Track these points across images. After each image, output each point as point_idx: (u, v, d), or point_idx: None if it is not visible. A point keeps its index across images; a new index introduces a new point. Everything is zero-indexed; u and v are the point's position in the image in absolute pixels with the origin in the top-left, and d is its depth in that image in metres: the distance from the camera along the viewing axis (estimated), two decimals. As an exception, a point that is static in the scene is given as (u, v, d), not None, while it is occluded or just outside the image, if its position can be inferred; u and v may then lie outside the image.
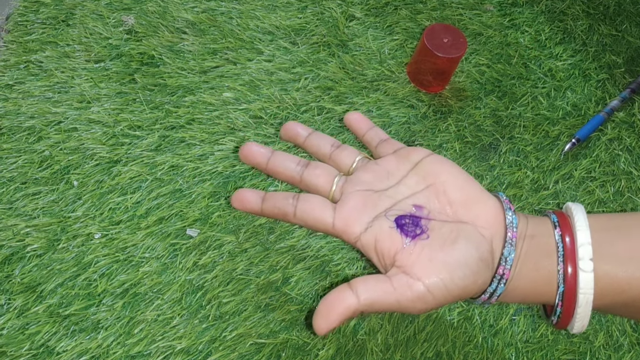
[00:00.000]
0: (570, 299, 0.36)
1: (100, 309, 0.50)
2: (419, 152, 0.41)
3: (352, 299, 0.34)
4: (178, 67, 0.64)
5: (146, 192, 0.56)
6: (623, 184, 0.59)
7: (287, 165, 0.41)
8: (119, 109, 0.61)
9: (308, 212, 0.39)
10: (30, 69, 0.63)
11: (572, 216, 0.37)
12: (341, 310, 0.34)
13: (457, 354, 0.50)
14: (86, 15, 0.67)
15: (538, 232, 0.38)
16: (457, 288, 0.34)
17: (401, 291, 0.34)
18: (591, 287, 0.35)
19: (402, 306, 0.34)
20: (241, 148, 0.42)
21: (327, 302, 0.34)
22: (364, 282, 0.35)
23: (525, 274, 0.37)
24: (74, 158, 0.57)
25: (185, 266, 0.52)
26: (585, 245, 0.36)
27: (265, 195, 0.40)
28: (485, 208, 0.38)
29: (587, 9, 0.72)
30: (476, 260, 0.35)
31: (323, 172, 0.40)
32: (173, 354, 0.49)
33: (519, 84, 0.66)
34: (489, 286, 0.36)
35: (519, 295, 0.37)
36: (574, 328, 0.37)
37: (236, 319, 0.50)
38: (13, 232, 0.53)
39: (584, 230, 0.36)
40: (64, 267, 0.52)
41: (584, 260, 0.35)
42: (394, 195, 0.39)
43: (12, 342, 0.48)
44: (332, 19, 0.68)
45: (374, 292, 0.34)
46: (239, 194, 0.40)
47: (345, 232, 0.38)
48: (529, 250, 0.37)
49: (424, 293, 0.34)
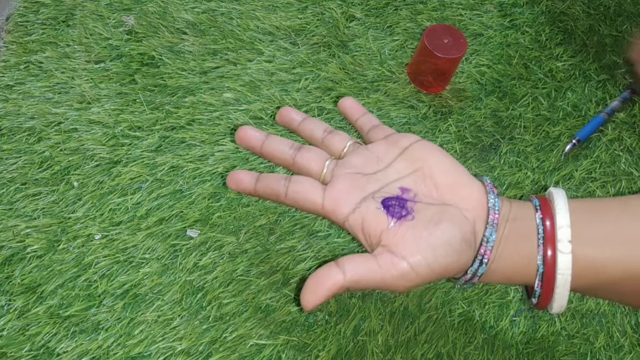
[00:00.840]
0: (550, 280, 0.37)
1: (100, 310, 0.50)
2: (408, 138, 0.42)
3: (339, 276, 0.35)
4: (178, 68, 0.64)
5: (146, 193, 0.56)
6: (624, 185, 0.59)
7: (281, 149, 0.42)
8: (119, 109, 0.61)
9: (299, 192, 0.40)
10: (30, 70, 0.63)
11: (553, 200, 0.38)
12: (328, 286, 0.35)
13: (458, 355, 0.50)
14: (86, 16, 0.67)
15: (520, 215, 0.39)
16: (439, 266, 0.36)
17: (386, 269, 0.36)
18: (569, 268, 0.36)
19: (387, 283, 0.36)
20: (237, 131, 0.43)
21: (315, 278, 0.36)
22: (351, 260, 0.36)
23: (507, 255, 0.38)
24: (74, 159, 0.57)
25: (186, 267, 0.52)
26: (564, 227, 0.37)
27: (259, 176, 0.41)
28: (470, 191, 0.39)
29: (587, 10, 0.72)
30: (459, 240, 0.36)
31: (315, 156, 0.41)
32: (173, 355, 0.49)
33: (520, 84, 0.65)
34: (471, 266, 0.38)
35: (501, 276, 0.39)
36: (552, 308, 0.38)
37: (237, 320, 0.50)
38: (13, 233, 0.53)
39: (563, 214, 0.37)
40: (64, 268, 0.52)
41: (563, 242, 0.36)
42: (382, 178, 0.40)
43: (13, 343, 0.48)
44: (332, 19, 0.68)
45: (360, 269, 0.36)
46: (234, 175, 0.41)
47: (334, 212, 0.39)
48: (511, 232, 0.38)
49: (408, 271, 0.35)
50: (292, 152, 0.42)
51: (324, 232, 0.55)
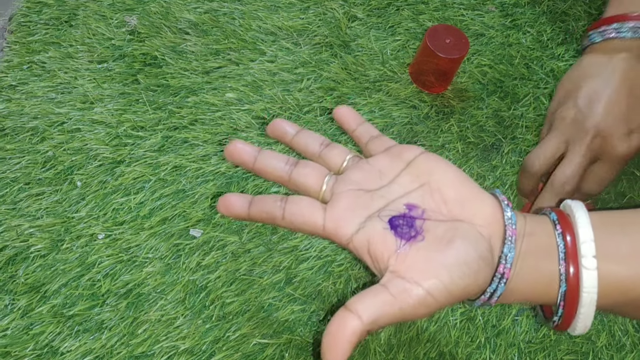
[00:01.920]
0: (573, 299, 0.34)
1: (104, 309, 0.50)
2: (411, 150, 0.39)
3: (356, 322, 0.32)
4: (181, 68, 0.64)
5: (149, 193, 0.56)
6: (625, 185, 0.59)
7: (275, 165, 0.39)
8: (122, 109, 0.61)
9: (297, 214, 0.37)
10: (33, 70, 0.63)
11: (572, 214, 0.36)
12: (348, 337, 0.31)
13: (460, 354, 0.50)
14: (89, 16, 0.67)
15: (537, 230, 0.36)
16: (457, 288, 0.33)
17: (401, 298, 0.32)
18: (595, 286, 0.34)
19: (406, 314, 0.32)
20: (226, 146, 0.40)
21: (331, 333, 0.32)
22: (362, 299, 0.33)
23: (526, 273, 0.35)
24: (78, 158, 0.57)
25: (189, 266, 0.53)
26: (587, 242, 0.34)
27: (253, 199, 0.38)
28: (482, 206, 0.36)
29: (588, 10, 0.72)
30: (475, 259, 0.34)
31: (313, 172, 0.39)
32: (177, 354, 0.49)
33: (521, 84, 0.66)
34: (489, 286, 0.35)
35: (519, 295, 0.36)
36: (576, 329, 0.36)
37: (240, 319, 0.51)
38: (17, 232, 0.53)
39: (585, 227, 0.35)
40: (68, 268, 0.52)
41: (587, 258, 0.34)
42: (386, 194, 0.37)
43: (17, 342, 0.49)
44: (334, 19, 0.68)
45: (375, 307, 0.32)
46: (224, 199, 0.38)
47: (336, 233, 0.36)
48: (529, 249, 0.36)
49: (425, 297, 0.32)
50: (287, 168, 0.39)
51: (327, 232, 0.55)
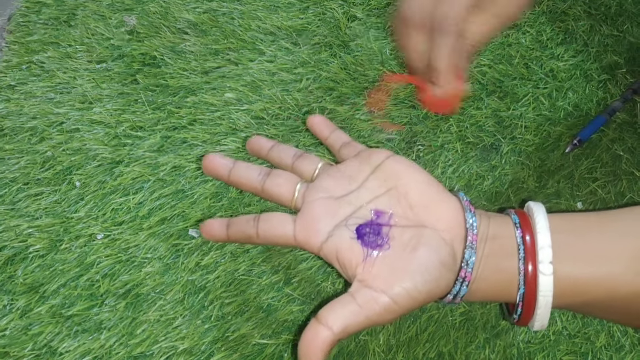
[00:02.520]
0: (531, 301, 0.37)
1: (102, 310, 0.50)
2: (379, 154, 0.41)
3: (326, 332, 0.34)
4: (180, 68, 0.64)
5: (148, 193, 0.56)
6: (624, 185, 0.59)
7: (249, 175, 0.41)
8: (121, 109, 0.61)
9: (268, 231, 0.39)
10: (32, 70, 0.63)
11: (532, 216, 0.38)
12: (320, 347, 0.34)
13: (459, 355, 0.50)
14: (88, 16, 0.67)
15: (499, 233, 0.38)
16: (420, 294, 0.35)
17: (368, 307, 0.35)
18: (550, 290, 0.36)
19: (372, 321, 0.35)
20: (203, 160, 0.42)
21: (303, 344, 0.35)
22: (331, 310, 0.35)
23: (487, 275, 0.37)
24: (76, 159, 0.57)
25: (188, 267, 0.53)
26: (545, 248, 0.36)
27: (229, 221, 0.41)
28: (446, 211, 0.38)
29: (588, 10, 0.72)
30: (437, 265, 0.36)
31: (284, 181, 0.40)
32: (176, 355, 0.49)
33: (521, 84, 0.66)
34: (453, 288, 0.37)
35: (482, 295, 0.38)
36: (534, 327, 0.38)
37: (238, 320, 0.50)
38: (15, 232, 0.53)
39: (544, 233, 0.36)
40: (67, 268, 0.52)
41: (544, 264, 0.36)
42: (354, 201, 0.39)
43: (15, 342, 0.49)
44: (333, 19, 0.68)
45: (343, 317, 0.35)
46: (205, 225, 0.42)
47: (307, 243, 0.38)
48: (491, 251, 0.37)
49: (389, 304, 0.35)
50: (260, 179, 0.41)
51: (326, 232, 0.55)
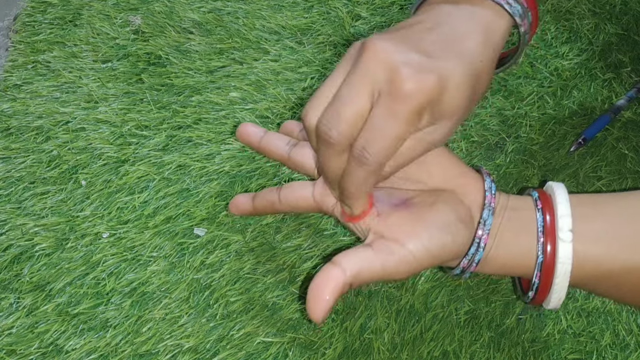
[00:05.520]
0: (549, 270, 0.36)
1: (108, 308, 0.51)
2: None
3: (339, 274, 0.34)
4: (185, 67, 0.64)
5: (154, 192, 0.56)
6: (630, 183, 0.59)
7: (277, 144, 0.43)
8: (127, 108, 0.61)
9: (290, 194, 0.41)
10: (38, 69, 0.64)
11: (552, 193, 0.38)
12: (332, 288, 0.34)
13: (464, 353, 0.50)
14: (93, 16, 0.68)
15: (519, 206, 0.38)
16: (436, 247, 0.35)
17: (383, 256, 0.34)
18: (569, 257, 0.35)
19: (387, 271, 0.34)
20: (238, 128, 0.44)
21: (315, 285, 0.34)
22: (346, 255, 0.35)
23: (505, 244, 0.37)
24: (82, 158, 0.58)
25: (193, 265, 0.53)
26: (565, 217, 0.36)
27: (254, 194, 0.43)
28: (465, 178, 0.38)
29: (593, 8, 0.72)
30: (454, 220, 0.36)
31: (309, 152, 0.41)
32: (181, 353, 0.49)
33: (525, 83, 0.66)
34: (469, 250, 0.37)
35: (498, 265, 0.38)
36: (550, 302, 0.37)
37: (243, 318, 0.51)
38: (22, 231, 0.54)
39: (564, 204, 0.37)
40: (73, 266, 0.52)
41: (563, 231, 0.36)
42: None
43: (22, 340, 0.49)
44: (338, 18, 0.68)
45: (358, 261, 0.34)
46: (234, 201, 0.44)
47: (323, 201, 0.39)
48: (510, 221, 0.37)
49: (406, 255, 0.34)
50: (287, 148, 0.42)
51: (330, 231, 0.55)
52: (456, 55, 0.34)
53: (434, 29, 0.35)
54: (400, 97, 0.32)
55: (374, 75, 0.32)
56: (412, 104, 0.32)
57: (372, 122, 0.33)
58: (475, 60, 0.35)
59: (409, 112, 0.32)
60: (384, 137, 0.33)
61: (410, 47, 0.33)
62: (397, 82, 0.32)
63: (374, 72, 0.32)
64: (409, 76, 0.31)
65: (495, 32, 0.38)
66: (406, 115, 0.32)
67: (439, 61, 0.33)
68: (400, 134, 0.33)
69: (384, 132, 0.32)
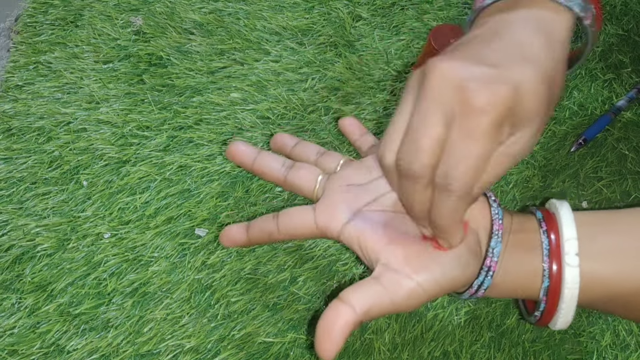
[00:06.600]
0: (555, 294, 0.36)
1: (110, 308, 0.51)
2: None
3: (349, 312, 0.33)
4: (186, 68, 0.64)
5: (155, 192, 0.56)
6: (630, 184, 0.59)
7: (272, 166, 0.41)
8: (128, 109, 0.61)
9: (289, 223, 0.38)
10: (39, 70, 0.64)
11: (557, 212, 0.37)
12: (341, 327, 0.32)
13: (464, 353, 0.50)
14: (94, 17, 0.68)
15: (523, 227, 0.37)
16: (446, 280, 0.34)
17: (393, 290, 0.33)
18: (577, 282, 0.35)
19: (396, 305, 0.33)
20: (228, 147, 0.42)
21: (324, 323, 0.33)
22: (354, 291, 0.33)
23: (511, 267, 0.36)
24: (84, 158, 0.58)
25: (194, 265, 0.53)
26: (571, 240, 0.35)
27: (247, 224, 0.40)
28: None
29: (593, 9, 0.72)
30: (465, 252, 0.35)
31: (307, 173, 0.40)
32: (182, 353, 0.49)
33: (526, 83, 0.66)
34: (477, 278, 0.36)
35: (505, 289, 0.37)
36: (557, 324, 0.37)
37: (244, 318, 0.51)
38: (23, 231, 0.54)
39: (569, 225, 0.36)
40: (74, 267, 0.52)
41: (570, 255, 0.35)
42: (375, 189, 0.38)
43: (23, 340, 0.49)
44: (338, 19, 0.68)
45: (367, 297, 0.33)
46: (225, 233, 0.40)
47: (327, 227, 0.37)
48: (515, 244, 0.37)
49: (415, 288, 0.33)
50: (283, 170, 0.41)
51: (331, 231, 0.55)
52: (522, 61, 0.32)
53: (493, 40, 0.34)
54: (475, 113, 0.30)
55: (443, 98, 0.30)
56: (489, 118, 0.30)
57: (450, 147, 0.31)
58: (543, 62, 0.33)
59: (487, 128, 0.30)
60: (466, 159, 0.31)
61: (473, 62, 0.31)
62: (468, 99, 0.30)
63: (442, 95, 0.31)
64: (479, 90, 0.30)
65: (557, 30, 0.36)
66: (485, 131, 0.30)
67: (506, 70, 0.31)
68: (483, 153, 0.31)
69: (465, 154, 0.30)
